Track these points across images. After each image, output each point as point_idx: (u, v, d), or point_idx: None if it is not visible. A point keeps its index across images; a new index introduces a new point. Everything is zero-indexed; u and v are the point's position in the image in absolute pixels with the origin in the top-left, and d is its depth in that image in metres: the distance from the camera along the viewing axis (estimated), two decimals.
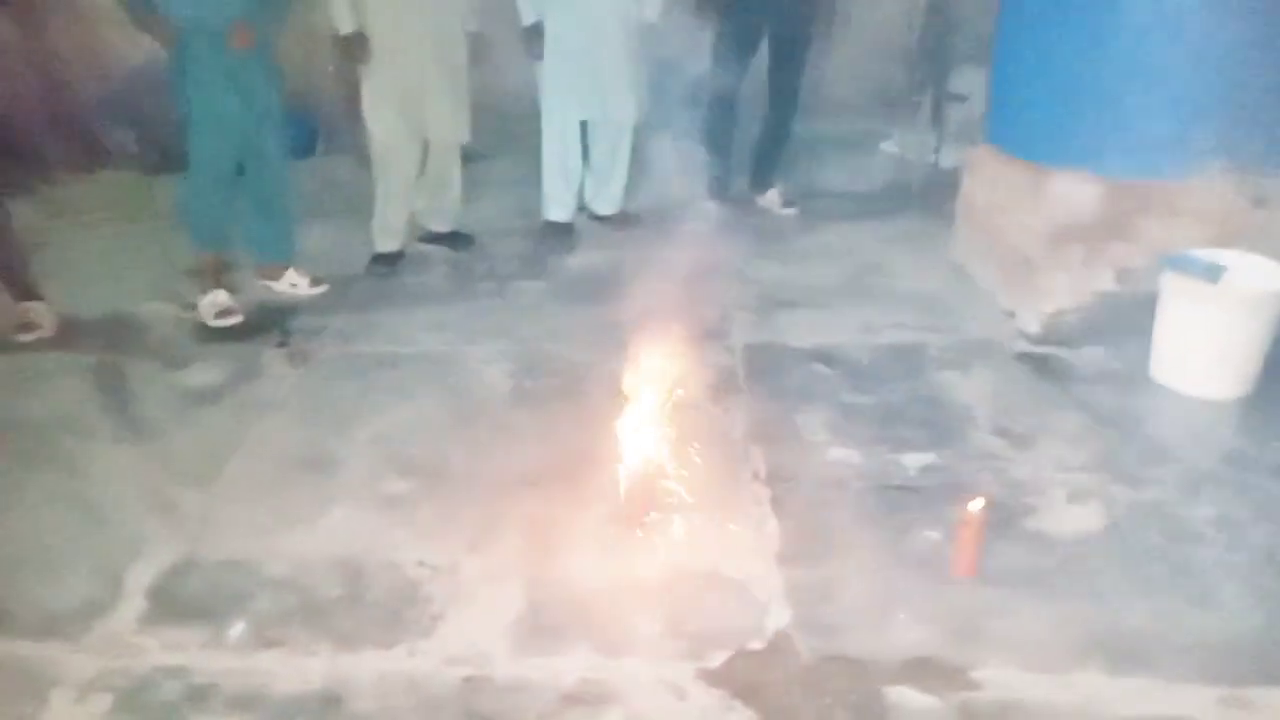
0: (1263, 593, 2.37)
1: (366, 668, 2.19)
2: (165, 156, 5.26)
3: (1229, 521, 2.62)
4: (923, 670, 2.16)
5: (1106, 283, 3.52)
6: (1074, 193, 3.49)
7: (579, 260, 4.44)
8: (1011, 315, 3.75)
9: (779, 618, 2.31)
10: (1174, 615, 2.31)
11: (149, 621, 2.33)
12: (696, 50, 4.67)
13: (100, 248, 4.48)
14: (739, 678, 2.15)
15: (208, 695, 2.12)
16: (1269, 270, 3.22)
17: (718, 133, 4.82)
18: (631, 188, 4.79)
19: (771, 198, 4.97)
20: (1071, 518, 2.64)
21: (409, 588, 2.42)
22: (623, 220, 4.77)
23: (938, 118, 5.48)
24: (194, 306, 3.87)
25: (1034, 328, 3.60)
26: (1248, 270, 3.23)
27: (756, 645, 2.24)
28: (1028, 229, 3.69)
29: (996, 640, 2.25)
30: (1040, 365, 3.43)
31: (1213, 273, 3.19)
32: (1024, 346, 3.55)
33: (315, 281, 4.14)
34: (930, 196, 4.92)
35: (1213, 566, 2.46)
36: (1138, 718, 2.05)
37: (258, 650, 2.24)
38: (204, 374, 3.46)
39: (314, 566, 2.49)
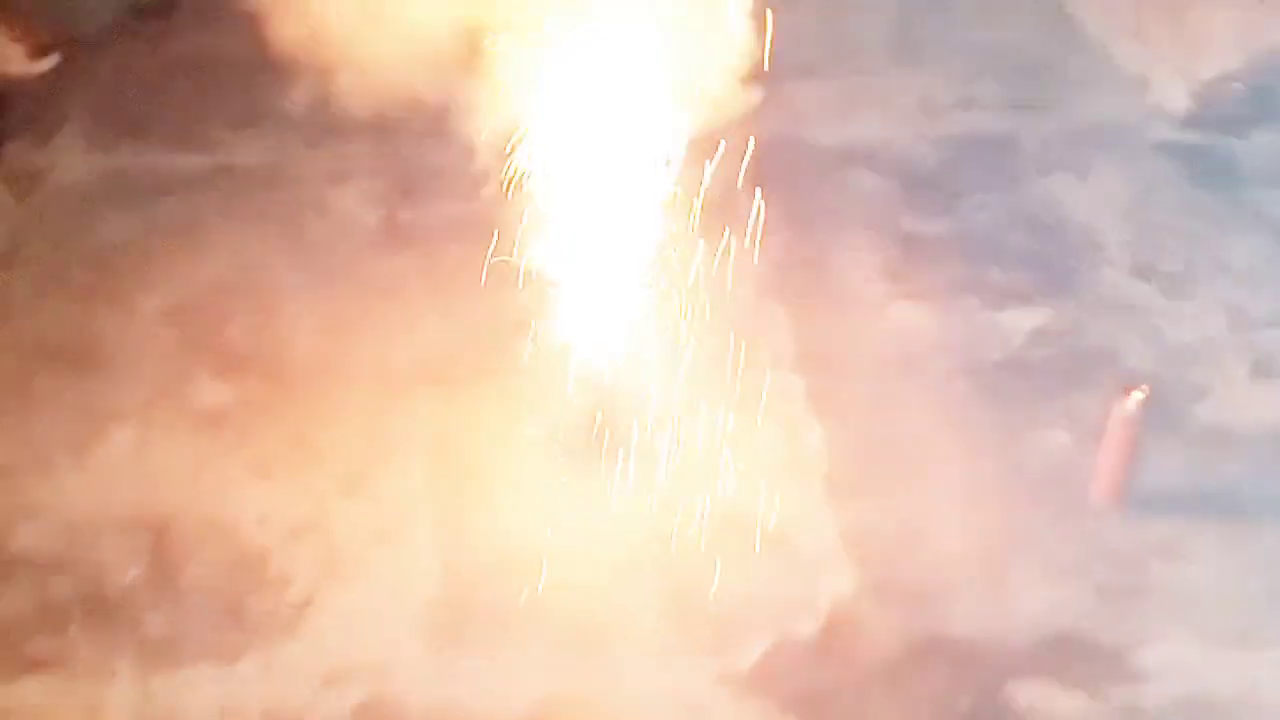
0: None
1: (193, 696, 2.05)
2: None
3: None
4: (1062, 654, 2.12)
5: None
6: None
7: None
8: (1146, 82, 3.64)
9: (837, 581, 2.23)
10: None
11: None
12: None
13: None
14: (784, 679, 2.08)
15: None
16: None
17: None
18: None
19: None
20: (1261, 400, 2.62)
21: (253, 558, 2.27)
22: None
23: None
24: None
25: (1183, 101, 3.50)
26: None
27: (807, 627, 2.16)
28: None
29: (1166, 599, 2.20)
30: (1195, 160, 3.34)
31: None
32: (1168, 132, 3.44)
33: (37, 50, 3.83)
34: None
35: None
36: None
37: (14, 677, 2.08)
38: None
39: (92, 529, 2.31)
